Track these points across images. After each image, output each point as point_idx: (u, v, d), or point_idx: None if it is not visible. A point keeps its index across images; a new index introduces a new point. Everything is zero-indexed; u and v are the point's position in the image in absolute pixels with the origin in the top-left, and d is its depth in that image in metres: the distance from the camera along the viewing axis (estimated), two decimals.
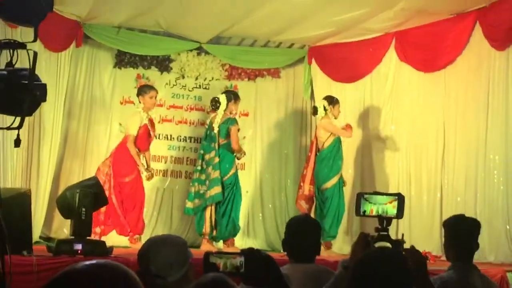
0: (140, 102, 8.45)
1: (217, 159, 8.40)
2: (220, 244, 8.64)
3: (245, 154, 8.76)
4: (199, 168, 8.59)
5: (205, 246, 8.19)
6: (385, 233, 3.32)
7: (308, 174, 8.87)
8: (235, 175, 8.54)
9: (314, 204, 8.81)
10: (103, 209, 7.77)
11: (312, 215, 8.45)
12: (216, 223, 8.44)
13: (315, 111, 8.91)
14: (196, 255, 3.12)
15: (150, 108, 8.53)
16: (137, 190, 8.39)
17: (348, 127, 8.78)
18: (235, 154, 8.56)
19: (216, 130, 8.47)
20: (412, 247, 3.32)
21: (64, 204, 6.56)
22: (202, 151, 8.68)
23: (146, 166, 8.47)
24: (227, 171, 8.42)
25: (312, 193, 8.81)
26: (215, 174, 8.37)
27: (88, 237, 6.49)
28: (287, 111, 10.34)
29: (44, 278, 5.66)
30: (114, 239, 8.19)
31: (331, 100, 8.78)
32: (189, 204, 8.61)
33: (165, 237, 3.22)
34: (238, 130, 8.59)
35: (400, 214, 3.41)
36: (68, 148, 9.30)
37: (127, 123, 8.58)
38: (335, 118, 8.76)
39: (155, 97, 8.58)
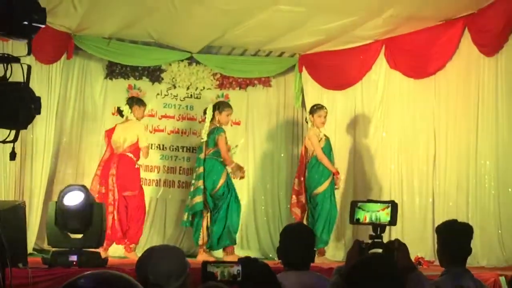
0: (131, 112, 8.48)
1: (200, 169, 8.39)
2: (217, 253, 8.63)
3: (243, 175, 8.65)
4: (193, 181, 8.58)
5: (202, 256, 8.18)
6: (379, 240, 3.36)
7: (299, 183, 8.84)
8: (226, 184, 8.43)
9: (306, 212, 8.80)
10: None
11: (304, 222, 8.46)
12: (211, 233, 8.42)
13: (307, 121, 8.96)
14: (192, 265, 3.15)
15: (140, 119, 8.63)
16: (143, 203, 8.56)
17: (336, 172, 8.69)
18: (226, 166, 8.54)
19: (203, 140, 8.48)
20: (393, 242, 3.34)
21: (77, 222, 6.47)
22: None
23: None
24: (216, 183, 8.35)
25: (302, 202, 8.76)
26: (199, 183, 8.34)
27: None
28: (279, 120, 10.35)
29: None
30: (109, 249, 8.19)
31: (310, 110, 8.79)
32: (184, 216, 8.61)
33: (163, 247, 3.25)
34: (226, 139, 8.50)
35: (393, 221, 3.45)
36: (61, 160, 9.31)
37: (137, 135, 8.46)
38: (317, 127, 8.64)
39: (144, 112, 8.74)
